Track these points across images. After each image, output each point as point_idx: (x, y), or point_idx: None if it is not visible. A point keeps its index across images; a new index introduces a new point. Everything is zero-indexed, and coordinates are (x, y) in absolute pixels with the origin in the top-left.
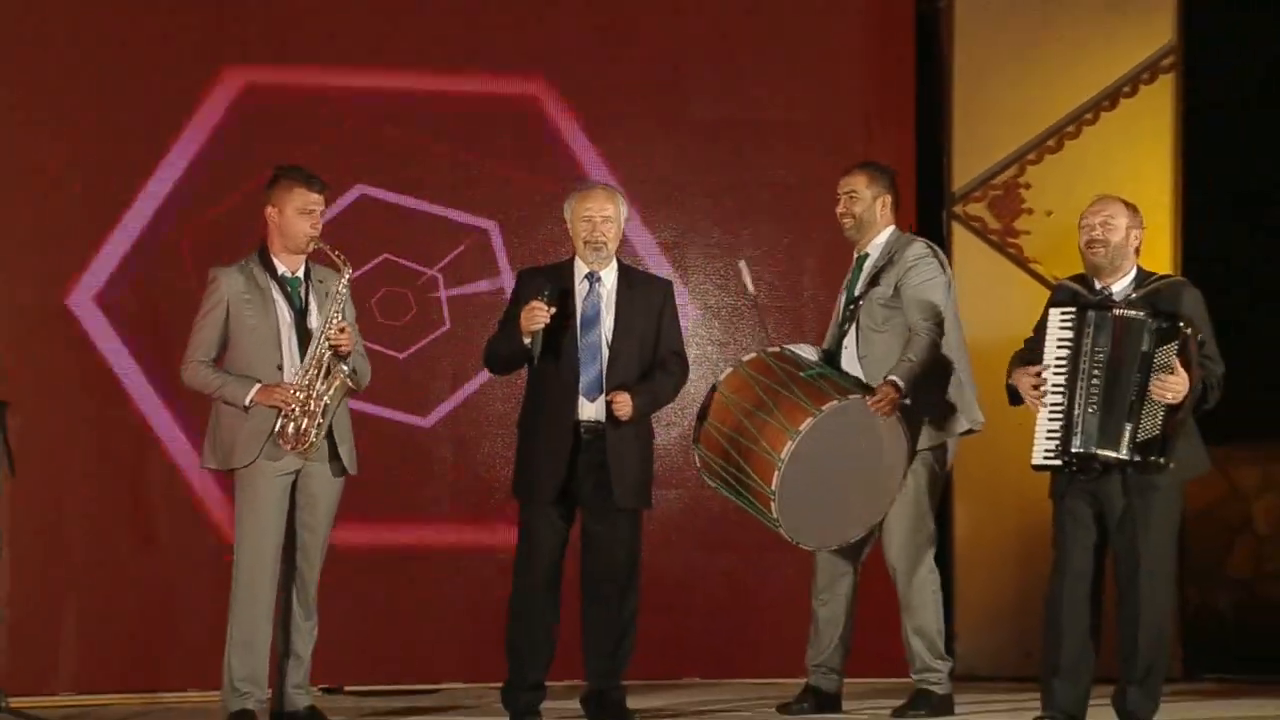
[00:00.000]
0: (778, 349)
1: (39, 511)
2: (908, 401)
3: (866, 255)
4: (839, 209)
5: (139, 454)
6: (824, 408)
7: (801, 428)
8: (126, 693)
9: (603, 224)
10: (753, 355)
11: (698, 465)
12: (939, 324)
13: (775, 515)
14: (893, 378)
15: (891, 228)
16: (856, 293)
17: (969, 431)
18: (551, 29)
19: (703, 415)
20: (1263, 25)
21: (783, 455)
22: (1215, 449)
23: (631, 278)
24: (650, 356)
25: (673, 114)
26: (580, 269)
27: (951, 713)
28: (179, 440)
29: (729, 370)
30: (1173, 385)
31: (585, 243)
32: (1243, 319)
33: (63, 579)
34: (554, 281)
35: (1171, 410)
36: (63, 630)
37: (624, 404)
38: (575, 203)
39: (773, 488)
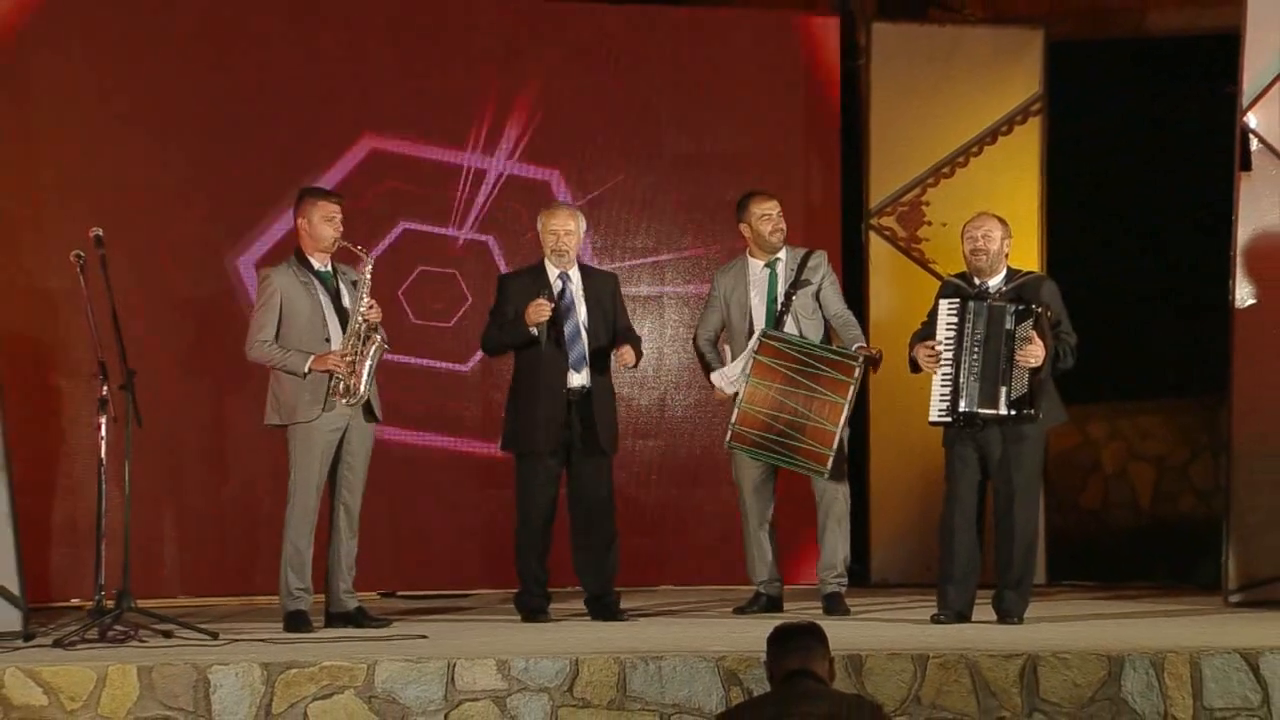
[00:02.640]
0: (772, 332)
1: (161, 455)
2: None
3: (778, 260)
4: (776, 226)
5: (248, 413)
6: (855, 377)
7: (848, 397)
8: (227, 595)
9: (565, 237)
10: (758, 342)
11: (730, 438)
12: None
13: (828, 467)
14: (863, 344)
15: None
16: (787, 288)
17: None
18: (554, 91)
19: (739, 400)
20: (1113, 79)
21: (840, 423)
22: (1074, 407)
23: (590, 273)
24: (612, 332)
25: (651, 149)
26: (552, 270)
27: None
28: None
29: (751, 363)
30: (1033, 353)
31: (552, 250)
32: (1095, 306)
33: (177, 507)
34: (533, 281)
35: (1034, 372)
36: (176, 547)
37: (628, 353)
38: (545, 219)
39: (832, 448)
